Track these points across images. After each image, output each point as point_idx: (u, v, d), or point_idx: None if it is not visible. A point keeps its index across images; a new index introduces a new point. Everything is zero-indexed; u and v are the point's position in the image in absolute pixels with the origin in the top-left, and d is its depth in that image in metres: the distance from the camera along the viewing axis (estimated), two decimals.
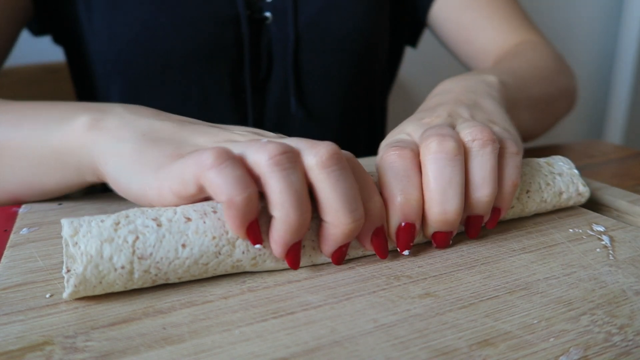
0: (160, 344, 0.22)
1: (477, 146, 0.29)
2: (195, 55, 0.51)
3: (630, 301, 0.25)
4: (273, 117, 0.56)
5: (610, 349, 0.22)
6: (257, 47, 0.53)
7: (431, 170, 0.28)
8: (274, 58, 0.54)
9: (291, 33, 0.53)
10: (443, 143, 0.28)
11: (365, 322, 0.23)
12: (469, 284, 0.26)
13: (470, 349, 0.21)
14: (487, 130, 0.29)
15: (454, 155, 0.28)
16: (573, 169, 0.36)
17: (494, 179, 0.29)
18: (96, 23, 0.51)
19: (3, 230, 0.33)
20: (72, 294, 0.24)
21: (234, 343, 0.22)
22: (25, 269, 0.28)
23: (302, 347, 0.21)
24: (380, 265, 0.28)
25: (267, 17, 0.53)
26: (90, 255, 0.24)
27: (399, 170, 0.28)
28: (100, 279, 0.24)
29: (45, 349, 0.21)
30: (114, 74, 0.53)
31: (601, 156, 0.55)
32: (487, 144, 0.29)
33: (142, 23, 0.50)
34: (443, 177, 0.28)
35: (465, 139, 0.29)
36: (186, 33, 0.50)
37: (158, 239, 0.25)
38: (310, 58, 0.55)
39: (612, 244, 0.31)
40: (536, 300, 0.25)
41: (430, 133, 0.29)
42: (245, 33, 0.52)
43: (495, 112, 0.35)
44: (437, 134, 0.29)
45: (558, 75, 0.56)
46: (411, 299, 0.25)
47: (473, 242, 0.31)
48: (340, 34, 0.56)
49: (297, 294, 0.26)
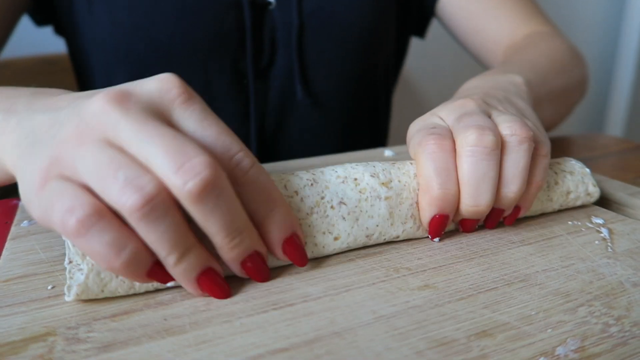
0: (161, 334, 0.22)
1: (515, 141, 0.29)
2: (197, 41, 0.51)
3: (627, 293, 0.25)
4: (276, 104, 0.56)
5: (607, 339, 0.22)
6: (260, 33, 0.53)
7: (467, 163, 0.28)
8: (278, 44, 0.54)
9: (295, 19, 0.53)
10: (482, 137, 0.28)
11: (365, 313, 0.23)
12: (468, 276, 0.27)
13: (468, 339, 0.22)
14: (526, 126, 0.29)
15: (492, 149, 0.28)
16: (584, 167, 0.35)
17: (524, 177, 0.29)
18: (97, 11, 0.51)
19: (4, 223, 0.33)
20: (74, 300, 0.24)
21: (234, 334, 0.22)
22: (27, 261, 0.28)
23: (302, 338, 0.22)
24: (379, 257, 0.29)
25: (271, 2, 0.53)
26: (92, 264, 0.24)
27: (439, 162, 0.28)
28: (102, 287, 0.24)
29: (47, 339, 0.21)
30: (115, 63, 0.52)
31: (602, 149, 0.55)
32: (525, 141, 0.29)
33: (144, 10, 0.50)
34: (478, 171, 0.28)
35: (503, 132, 0.29)
36: (187, 19, 0.50)
37: None
38: (315, 45, 0.55)
39: (611, 236, 0.31)
40: (534, 292, 0.25)
41: (469, 123, 0.29)
42: (247, 18, 0.51)
43: (526, 110, 0.35)
44: (476, 125, 0.28)
45: (573, 67, 0.56)
46: (410, 291, 0.25)
47: (472, 234, 0.31)
48: (345, 21, 0.55)
49: (297, 285, 0.26)
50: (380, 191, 0.29)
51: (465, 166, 0.28)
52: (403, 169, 0.31)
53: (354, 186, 0.29)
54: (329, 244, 0.28)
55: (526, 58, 0.51)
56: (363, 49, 0.57)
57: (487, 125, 0.28)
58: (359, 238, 0.29)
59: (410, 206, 0.30)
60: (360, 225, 0.28)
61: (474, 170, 0.28)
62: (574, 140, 0.59)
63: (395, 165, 0.31)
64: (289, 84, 0.55)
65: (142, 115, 0.22)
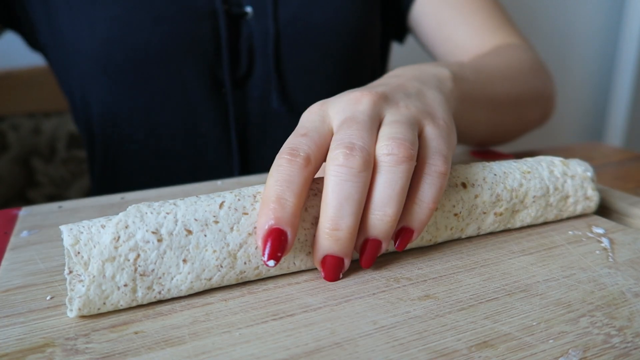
0: (160, 345, 0.22)
1: (390, 162, 0.26)
2: (173, 50, 0.52)
3: (629, 303, 0.25)
4: (255, 113, 0.56)
5: (609, 350, 0.22)
6: (237, 43, 0.53)
7: (330, 183, 0.26)
8: (255, 54, 0.54)
9: (271, 28, 0.53)
10: (349, 157, 0.26)
11: (365, 324, 0.23)
12: (469, 286, 0.26)
13: (469, 350, 0.21)
14: (405, 146, 0.27)
15: (359, 171, 0.26)
16: (587, 171, 0.35)
17: (399, 202, 0.26)
18: (77, 23, 0.52)
19: (3, 233, 0.33)
20: (76, 316, 0.24)
21: (234, 345, 0.22)
22: (26, 271, 0.28)
23: (302, 349, 0.21)
24: (379, 267, 0.28)
25: (247, 12, 0.53)
26: (92, 275, 0.23)
27: (284, 175, 0.26)
28: (104, 299, 0.24)
29: (46, 351, 0.21)
30: (95, 72, 0.53)
31: (601, 159, 0.55)
32: (402, 162, 0.26)
33: (121, 18, 0.50)
34: (342, 191, 0.25)
35: (380, 151, 0.27)
36: (163, 28, 0.51)
37: (159, 255, 0.24)
38: (293, 53, 0.55)
39: (612, 246, 0.31)
40: (535, 302, 0.25)
41: (340, 141, 0.26)
42: (222, 28, 0.52)
43: (437, 104, 0.32)
44: (347, 143, 0.26)
45: (531, 77, 0.54)
46: (411, 301, 0.25)
47: (472, 244, 0.31)
48: (323, 28, 0.55)
49: (297, 296, 0.26)
50: None
51: (329, 186, 0.26)
52: None
53: None
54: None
55: (477, 61, 0.50)
56: (345, 55, 0.57)
57: (358, 145, 0.26)
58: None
59: None
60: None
61: (338, 190, 0.25)
62: (574, 149, 0.59)
63: None
64: (268, 94, 0.55)
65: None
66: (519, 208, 0.33)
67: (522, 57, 0.55)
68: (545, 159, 0.35)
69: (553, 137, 1.45)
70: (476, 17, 0.59)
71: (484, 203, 0.31)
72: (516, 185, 0.32)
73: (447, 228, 0.31)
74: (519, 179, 0.33)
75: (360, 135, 0.27)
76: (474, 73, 0.44)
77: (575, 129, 1.52)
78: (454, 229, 0.31)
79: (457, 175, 0.31)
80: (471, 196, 0.31)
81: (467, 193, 0.31)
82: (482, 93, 0.44)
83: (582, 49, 1.44)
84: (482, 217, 0.32)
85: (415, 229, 0.28)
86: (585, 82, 1.49)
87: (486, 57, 0.53)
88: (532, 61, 0.56)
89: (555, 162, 0.35)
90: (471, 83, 0.42)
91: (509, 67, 0.51)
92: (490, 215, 0.32)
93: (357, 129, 0.27)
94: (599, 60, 1.49)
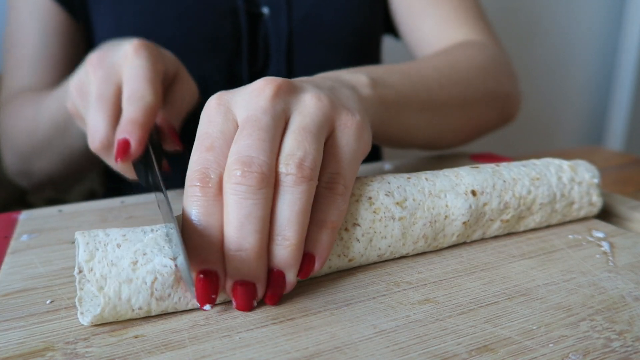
0: (160, 349, 0.22)
1: (289, 182, 0.25)
2: (195, 44, 0.54)
3: (629, 307, 0.25)
4: None
5: (610, 354, 0.22)
6: (255, 40, 0.56)
7: (230, 202, 0.24)
8: (271, 51, 0.57)
9: (285, 27, 0.56)
10: (247, 175, 0.24)
11: (365, 327, 0.23)
12: (469, 290, 0.26)
13: (469, 354, 0.21)
14: (304, 167, 0.25)
15: (258, 188, 0.24)
16: (594, 178, 0.35)
17: (298, 223, 0.25)
18: (104, 14, 0.54)
19: (3, 237, 0.33)
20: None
21: (234, 349, 0.22)
22: (26, 275, 0.28)
23: (302, 353, 0.21)
24: (380, 271, 0.28)
25: (264, 13, 0.56)
26: (108, 297, 0.23)
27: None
28: (117, 318, 0.24)
29: (46, 354, 0.21)
30: None
31: (601, 163, 0.55)
32: (301, 182, 0.25)
33: (148, 14, 0.54)
34: (242, 210, 0.24)
35: (279, 167, 0.25)
36: (187, 23, 0.54)
37: (176, 280, 0.24)
38: (305, 51, 0.57)
39: (612, 250, 0.31)
40: (536, 306, 0.25)
41: (238, 155, 0.25)
42: (242, 25, 0.54)
43: (351, 101, 0.31)
44: (244, 160, 0.24)
45: (483, 78, 0.50)
46: (411, 305, 0.25)
47: (472, 248, 0.31)
48: (334, 27, 0.58)
49: (297, 299, 0.26)
50: (395, 211, 0.29)
51: (229, 206, 0.24)
52: (418, 185, 0.30)
53: (369, 205, 0.28)
54: (342, 265, 0.28)
55: (417, 63, 0.48)
56: (352, 54, 0.59)
57: (256, 160, 0.24)
58: (371, 258, 0.29)
59: (423, 226, 0.29)
60: (373, 246, 0.28)
61: (238, 209, 0.24)
62: (573, 153, 0.60)
63: (410, 181, 0.30)
64: None
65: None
66: (526, 215, 0.33)
67: (477, 57, 0.52)
68: (554, 162, 0.35)
69: (553, 141, 1.45)
70: (443, 9, 0.58)
71: (492, 211, 0.31)
72: (525, 193, 0.32)
73: (453, 235, 0.31)
74: (527, 186, 0.32)
75: (259, 147, 0.25)
76: (405, 77, 0.41)
77: (575, 133, 1.52)
78: (461, 235, 0.31)
79: (467, 183, 0.31)
80: (480, 204, 0.31)
81: (476, 201, 0.31)
82: (417, 97, 0.42)
83: (582, 52, 1.45)
84: (489, 224, 0.32)
85: (316, 255, 0.26)
86: (585, 85, 1.49)
87: (433, 58, 0.50)
88: (489, 60, 0.53)
89: (564, 167, 0.34)
90: (398, 88, 0.40)
91: (455, 69, 0.48)
92: (497, 222, 0.32)
93: (257, 138, 0.25)
94: (599, 64, 1.50)
